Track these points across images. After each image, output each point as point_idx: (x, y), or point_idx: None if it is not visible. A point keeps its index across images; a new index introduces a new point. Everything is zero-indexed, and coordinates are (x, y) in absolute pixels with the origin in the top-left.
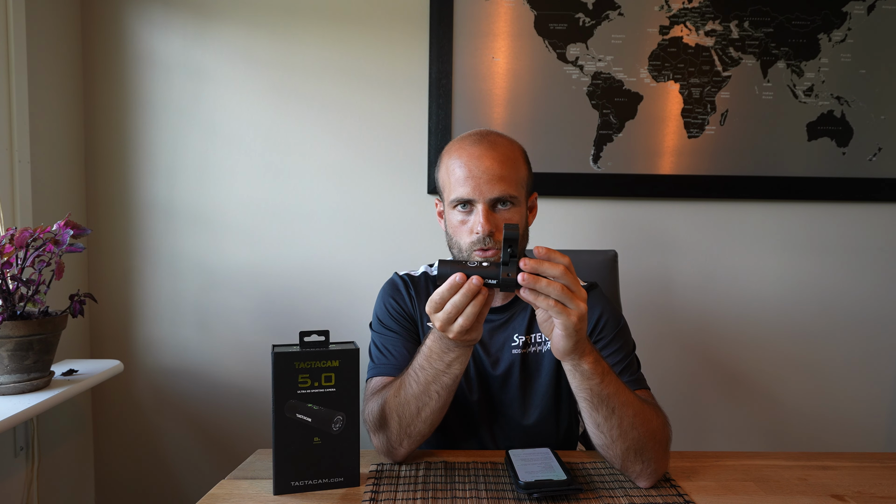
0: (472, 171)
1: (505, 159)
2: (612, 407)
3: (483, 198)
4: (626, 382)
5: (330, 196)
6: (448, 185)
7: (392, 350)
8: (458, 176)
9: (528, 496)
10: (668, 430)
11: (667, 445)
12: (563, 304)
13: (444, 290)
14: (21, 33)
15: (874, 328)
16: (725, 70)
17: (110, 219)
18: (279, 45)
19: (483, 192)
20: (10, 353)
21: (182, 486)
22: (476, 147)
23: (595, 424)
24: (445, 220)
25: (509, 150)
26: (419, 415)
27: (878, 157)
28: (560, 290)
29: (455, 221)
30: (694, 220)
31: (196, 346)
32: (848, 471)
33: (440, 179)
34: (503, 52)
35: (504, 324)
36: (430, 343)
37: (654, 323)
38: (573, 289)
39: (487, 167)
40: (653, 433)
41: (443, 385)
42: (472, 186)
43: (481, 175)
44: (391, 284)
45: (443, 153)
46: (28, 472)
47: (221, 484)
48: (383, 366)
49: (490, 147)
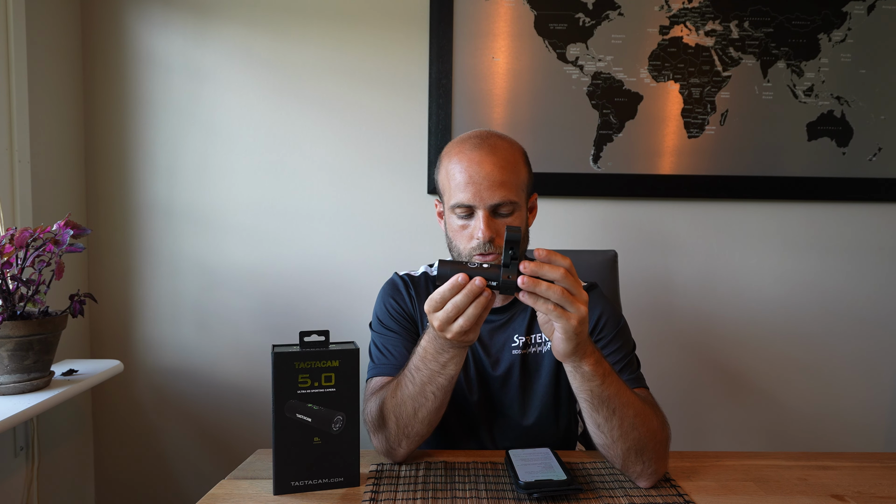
0: (472, 177)
1: (505, 164)
2: (613, 408)
3: (484, 204)
4: (626, 381)
5: (330, 196)
6: (448, 189)
7: (392, 350)
8: (458, 181)
9: (528, 496)
10: (667, 429)
11: (666, 445)
12: (563, 307)
13: (445, 289)
14: (21, 33)
15: (874, 328)
16: (725, 70)
17: (110, 219)
18: (279, 44)
19: (484, 198)
20: (10, 353)
21: (182, 486)
22: (476, 152)
23: (596, 425)
24: (445, 223)
25: (510, 154)
26: (416, 415)
27: (878, 157)
28: (560, 294)
29: (455, 226)
30: (694, 220)
31: (196, 346)
32: (848, 471)
33: (440, 182)
34: (503, 52)
35: (504, 324)
36: (426, 343)
37: (654, 323)
38: (574, 291)
39: (488, 173)
40: (653, 433)
41: (438, 386)
42: (473, 192)
43: (482, 181)
44: (391, 284)
45: (442, 155)
46: (28, 472)
47: (221, 484)
48: (383, 366)
49: (490, 152)
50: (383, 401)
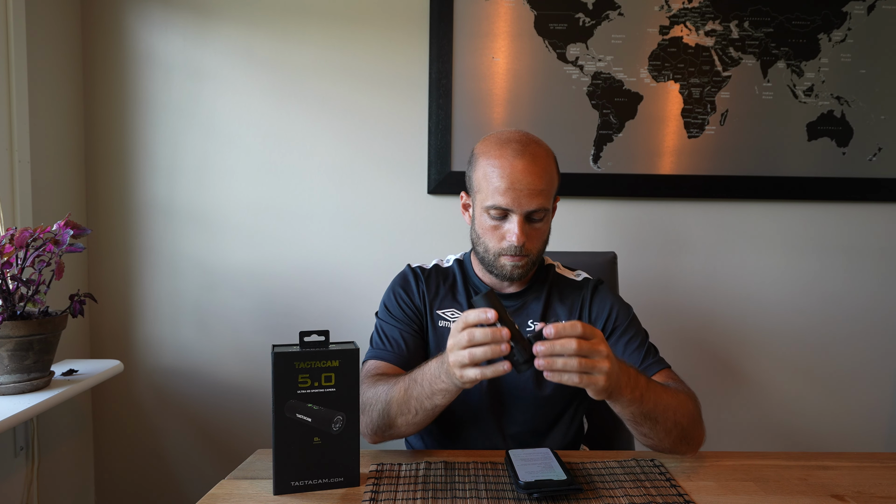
0: (513, 184)
1: (544, 173)
2: (655, 418)
3: (521, 210)
4: (650, 365)
5: (330, 196)
6: (485, 189)
7: (391, 338)
8: (497, 185)
9: (528, 496)
10: (698, 403)
11: (701, 419)
12: (588, 373)
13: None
14: (21, 33)
15: (874, 328)
16: (725, 70)
17: (110, 219)
18: (279, 44)
19: (522, 204)
20: (10, 353)
21: (182, 486)
22: (520, 160)
23: (642, 434)
24: (474, 219)
25: (547, 163)
26: (397, 418)
27: (878, 157)
28: (578, 365)
29: (487, 225)
30: (694, 220)
31: (196, 346)
32: (848, 471)
33: (475, 179)
34: (503, 52)
35: (518, 310)
36: (432, 362)
37: (654, 322)
38: (592, 355)
39: (529, 182)
40: (692, 417)
41: (422, 407)
42: (512, 199)
43: (522, 189)
44: (402, 276)
45: (478, 153)
46: (28, 472)
47: (221, 484)
48: (380, 350)
49: (532, 161)
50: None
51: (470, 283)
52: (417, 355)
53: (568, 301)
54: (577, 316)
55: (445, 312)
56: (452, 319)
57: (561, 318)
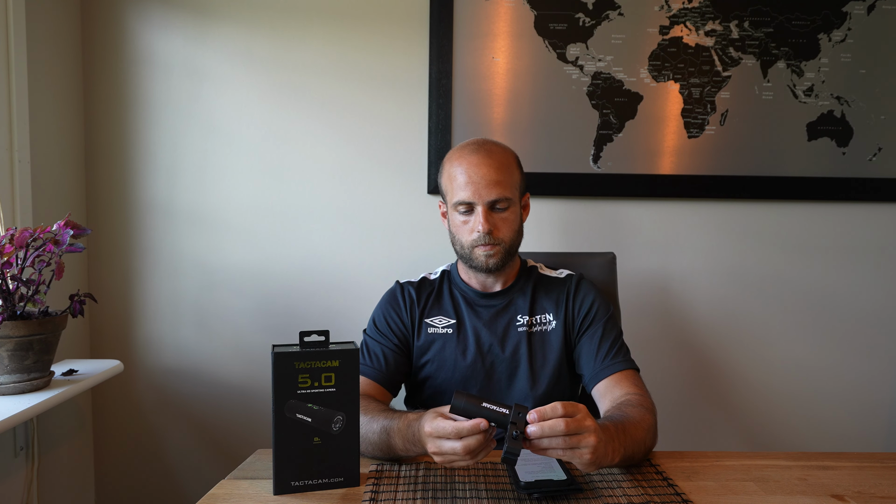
0: (471, 177)
1: (500, 166)
2: (630, 455)
3: (482, 200)
4: (620, 363)
5: (330, 196)
6: (450, 190)
7: (374, 355)
8: (459, 182)
9: (528, 496)
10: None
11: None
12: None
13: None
14: (21, 33)
15: (874, 328)
16: (725, 70)
17: (110, 219)
18: (279, 44)
19: (482, 195)
20: (10, 353)
21: (182, 486)
22: (475, 156)
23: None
24: (448, 221)
25: (503, 158)
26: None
27: (878, 157)
28: (564, 444)
29: (457, 222)
30: (694, 220)
31: (196, 346)
32: (848, 471)
33: (443, 185)
34: (503, 52)
35: (505, 307)
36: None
37: (653, 322)
38: (578, 431)
39: (485, 174)
40: (653, 432)
41: (380, 447)
42: (473, 191)
43: (480, 181)
44: (391, 294)
45: (444, 161)
46: (28, 472)
47: (221, 484)
48: (362, 366)
49: (487, 155)
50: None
51: (456, 289)
52: (398, 372)
53: (553, 295)
54: (563, 308)
55: (433, 320)
56: (440, 325)
57: (548, 311)
